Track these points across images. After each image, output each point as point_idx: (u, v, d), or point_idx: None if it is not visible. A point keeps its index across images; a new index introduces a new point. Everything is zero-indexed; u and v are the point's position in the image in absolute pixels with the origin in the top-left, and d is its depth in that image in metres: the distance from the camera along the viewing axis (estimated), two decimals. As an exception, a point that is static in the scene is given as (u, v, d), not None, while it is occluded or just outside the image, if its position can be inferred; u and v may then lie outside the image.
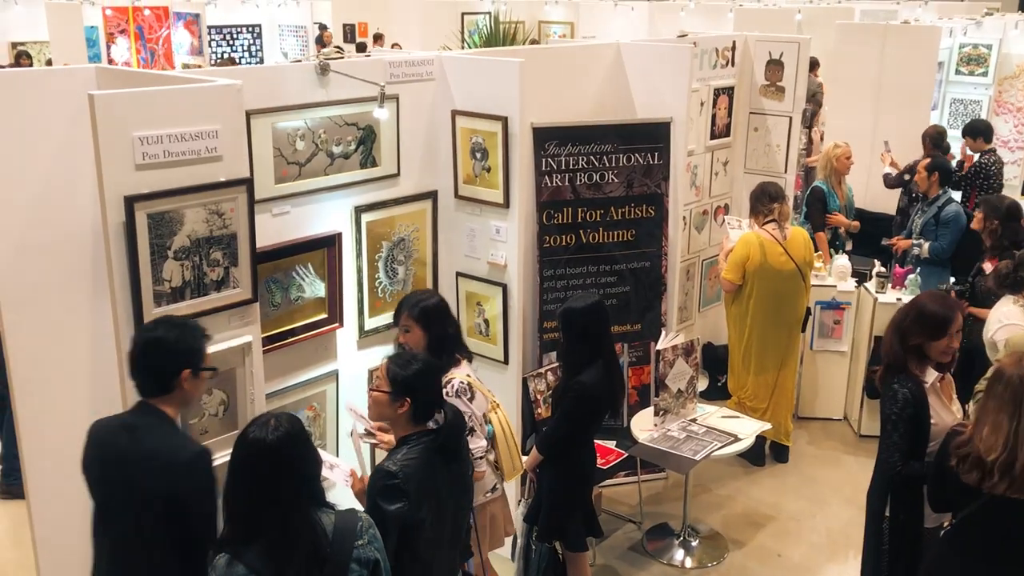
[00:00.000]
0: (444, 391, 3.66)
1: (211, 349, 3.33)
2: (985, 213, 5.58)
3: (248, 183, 3.33)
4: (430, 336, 3.77)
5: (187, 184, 3.15)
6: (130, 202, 3.03)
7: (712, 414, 5.23)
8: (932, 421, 3.60)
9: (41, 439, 3.65)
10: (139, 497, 2.85)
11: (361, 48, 13.77)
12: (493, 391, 4.10)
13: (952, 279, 5.82)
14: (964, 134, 7.99)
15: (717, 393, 6.40)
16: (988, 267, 5.32)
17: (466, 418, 3.65)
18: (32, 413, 3.63)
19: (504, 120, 4.49)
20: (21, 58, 12.26)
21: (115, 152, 3.01)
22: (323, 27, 15.03)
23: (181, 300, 3.22)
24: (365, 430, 3.70)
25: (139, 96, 3.11)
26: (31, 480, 3.70)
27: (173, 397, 2.96)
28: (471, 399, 3.80)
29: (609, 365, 4.17)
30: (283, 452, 2.58)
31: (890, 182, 7.81)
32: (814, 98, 10.14)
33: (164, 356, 2.91)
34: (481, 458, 3.79)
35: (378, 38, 14.88)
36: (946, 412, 3.68)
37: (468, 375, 3.89)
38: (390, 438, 3.41)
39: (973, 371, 4.51)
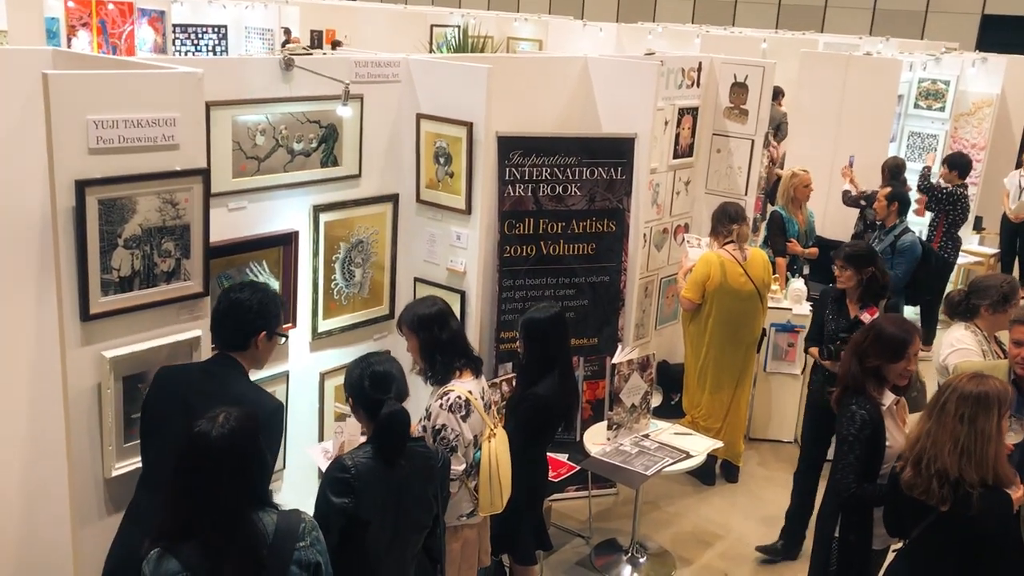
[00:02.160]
0: (439, 402, 3.61)
1: (160, 342, 3.28)
2: (858, 266, 4.93)
3: (204, 174, 3.26)
4: (420, 343, 3.70)
5: (141, 171, 3.08)
6: (81, 186, 2.94)
7: (665, 430, 5.22)
8: (887, 444, 3.63)
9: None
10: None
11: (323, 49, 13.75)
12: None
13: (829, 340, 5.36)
14: (943, 163, 8.37)
15: (670, 412, 6.40)
16: (867, 317, 4.80)
17: (451, 436, 3.57)
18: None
19: (469, 126, 4.47)
20: (-21, 45, 11.98)
21: (68, 135, 2.94)
22: (288, 31, 14.90)
23: (130, 290, 3.14)
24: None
25: (95, 79, 3.04)
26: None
27: (248, 354, 3.22)
28: (464, 417, 3.64)
29: (565, 376, 4.14)
30: (225, 448, 2.50)
31: (847, 200, 7.95)
32: (779, 129, 10.29)
33: (245, 316, 3.17)
34: (454, 479, 3.63)
35: (337, 45, 14.78)
36: (900, 435, 3.71)
37: (471, 392, 3.70)
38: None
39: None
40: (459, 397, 3.64)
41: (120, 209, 3.04)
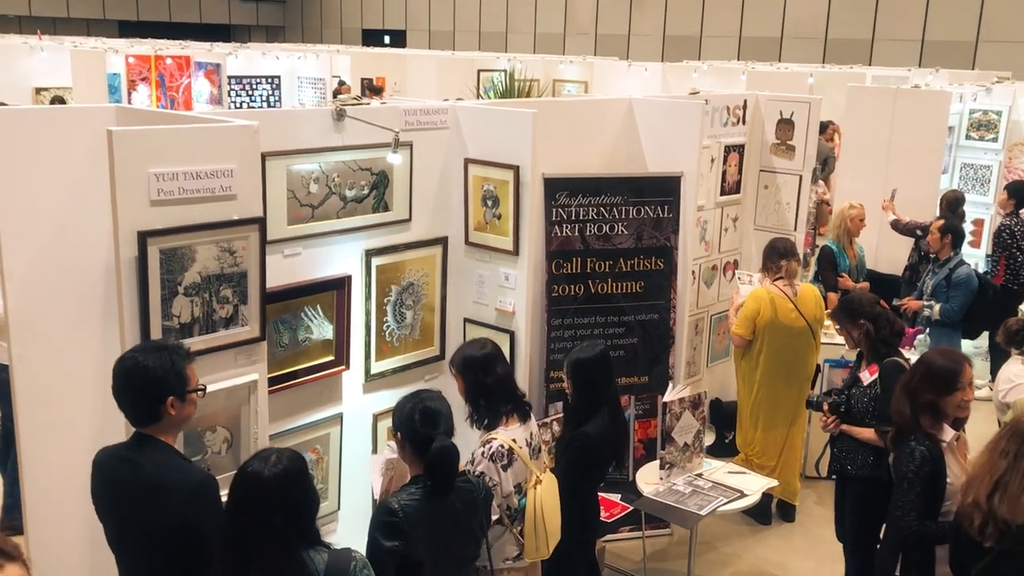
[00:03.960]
0: (482, 450, 3.65)
1: (218, 386, 3.36)
2: (845, 321, 4.72)
3: (260, 222, 3.37)
4: (466, 386, 3.75)
5: (200, 221, 3.19)
6: (143, 237, 3.06)
7: (718, 469, 5.17)
8: (948, 480, 3.57)
9: (43, 475, 3.64)
10: (147, 529, 2.84)
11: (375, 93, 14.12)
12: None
13: (824, 391, 5.00)
14: (1004, 189, 8.23)
15: (723, 450, 6.34)
16: (866, 376, 4.59)
17: (489, 484, 3.59)
18: (35, 449, 3.63)
19: (516, 169, 4.54)
20: (55, 103, 12.49)
21: (130, 188, 3.06)
22: (341, 82, 15.28)
23: (190, 336, 3.24)
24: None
25: (156, 133, 3.17)
26: (31, 516, 3.68)
27: (164, 424, 2.88)
28: (506, 466, 3.65)
29: (613, 414, 4.15)
30: (278, 488, 2.57)
31: (899, 228, 7.85)
32: (826, 163, 10.23)
33: (145, 385, 2.81)
34: (495, 524, 3.64)
35: (377, 91, 15.10)
36: (962, 471, 3.64)
37: (515, 440, 3.69)
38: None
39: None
40: (501, 446, 3.66)
41: (180, 258, 3.15)
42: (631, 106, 5.74)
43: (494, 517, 3.64)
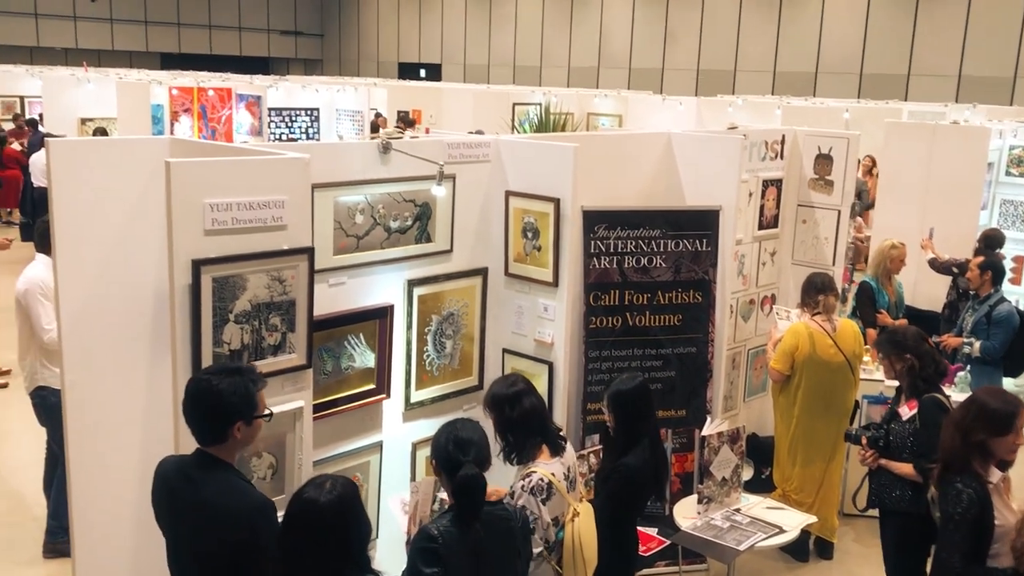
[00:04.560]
0: (521, 483, 3.67)
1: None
2: (890, 353, 4.65)
3: (310, 252, 3.44)
4: (494, 420, 3.79)
5: (252, 250, 3.27)
6: (197, 265, 3.14)
7: (756, 504, 5.14)
8: (997, 522, 3.53)
9: (91, 501, 3.71)
10: (205, 544, 2.89)
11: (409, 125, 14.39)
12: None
13: (863, 426, 4.93)
14: None
15: (760, 486, 6.28)
16: (905, 411, 4.58)
17: (529, 518, 3.60)
18: (84, 472, 3.70)
19: (557, 202, 4.60)
20: (97, 134, 12.81)
21: (186, 217, 3.15)
22: (378, 114, 15.53)
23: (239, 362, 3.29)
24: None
25: (212, 165, 3.26)
26: (78, 539, 3.74)
27: (228, 446, 2.95)
28: (545, 500, 3.66)
29: (653, 446, 4.15)
30: (333, 515, 2.61)
31: (936, 266, 7.79)
32: (860, 196, 10.22)
33: (217, 407, 2.87)
34: (536, 557, 3.65)
35: (410, 124, 15.32)
36: (1009, 512, 3.60)
37: (554, 474, 3.71)
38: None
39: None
40: (541, 479, 3.68)
41: (232, 286, 3.23)
42: (670, 140, 5.79)
43: (536, 550, 3.64)
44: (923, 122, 10.02)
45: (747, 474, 6.04)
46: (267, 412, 3.03)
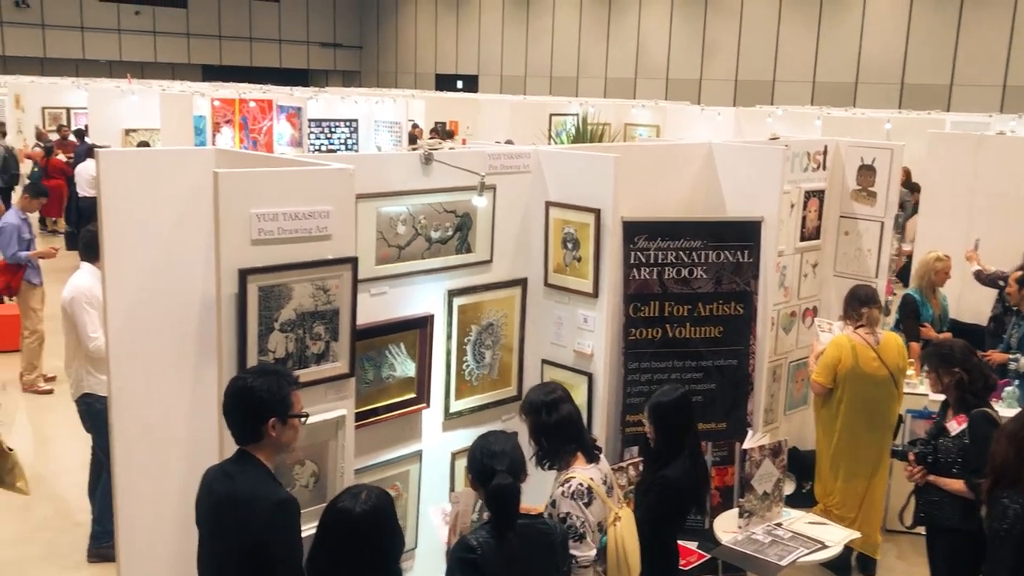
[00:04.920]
0: (561, 490, 3.67)
1: (308, 421, 3.43)
2: (938, 367, 4.59)
3: (354, 262, 3.47)
4: (529, 426, 3.79)
5: (297, 260, 3.30)
6: (244, 275, 3.18)
7: (798, 519, 5.07)
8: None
9: (137, 507, 3.75)
10: (227, 538, 2.93)
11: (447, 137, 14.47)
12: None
13: (909, 441, 4.87)
14: None
15: (801, 500, 6.20)
16: (953, 426, 4.50)
17: (577, 523, 3.59)
18: (129, 477, 3.74)
19: (597, 212, 4.59)
20: (140, 147, 13.03)
21: (233, 227, 3.19)
22: (415, 125, 15.66)
23: (283, 371, 3.32)
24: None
25: (259, 175, 3.30)
26: (123, 544, 3.78)
27: (264, 444, 3.01)
28: (587, 504, 3.65)
29: (694, 458, 4.12)
30: (366, 525, 2.63)
31: (981, 279, 7.66)
32: (903, 206, 10.08)
33: (251, 405, 2.96)
34: (587, 567, 3.63)
35: (447, 136, 15.41)
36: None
37: (592, 478, 3.72)
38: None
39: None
40: (581, 484, 3.66)
41: (278, 295, 3.26)
42: (711, 150, 5.76)
43: (590, 553, 3.62)
44: (968, 133, 9.89)
45: (788, 488, 5.97)
46: (303, 412, 3.08)
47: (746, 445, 4.96)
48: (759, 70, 25.23)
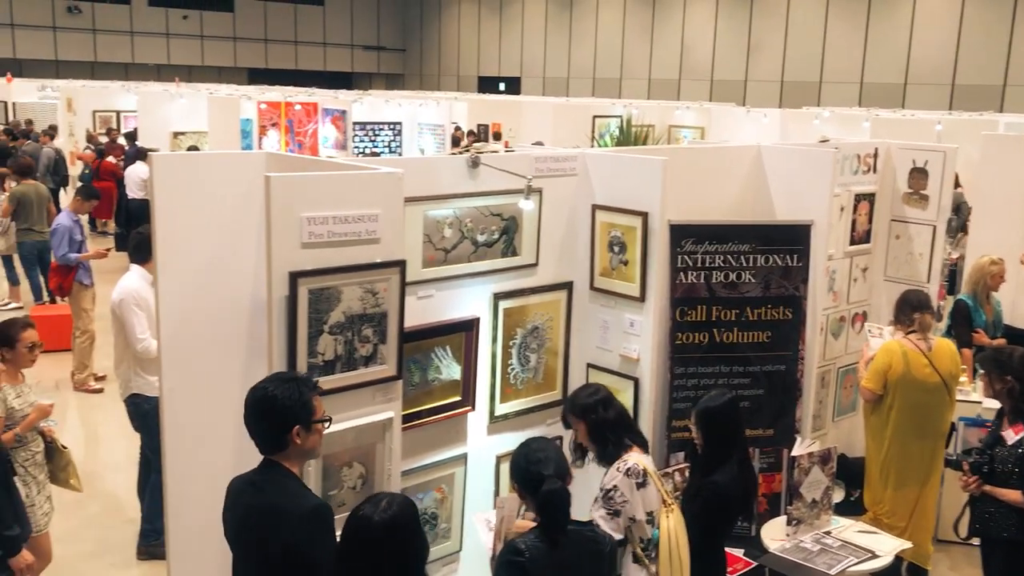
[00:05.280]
0: (616, 467, 3.67)
1: (353, 423, 3.45)
2: (991, 371, 4.56)
3: (402, 265, 3.48)
4: (588, 426, 3.78)
5: (347, 263, 3.32)
6: (294, 277, 3.20)
7: (847, 527, 4.99)
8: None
9: (186, 507, 3.79)
10: (262, 550, 2.93)
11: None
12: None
13: (963, 450, 4.80)
14: None
15: (849, 508, 6.10)
16: (1010, 436, 4.41)
17: (618, 498, 3.58)
18: (179, 476, 3.79)
19: (645, 216, 4.56)
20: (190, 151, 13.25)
21: (284, 230, 3.22)
22: (457, 127, 15.70)
23: (332, 373, 3.35)
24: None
25: (310, 179, 3.33)
26: (173, 542, 3.83)
27: (290, 452, 2.98)
28: (641, 485, 3.65)
29: (742, 464, 4.08)
30: (387, 533, 2.62)
31: None
32: (959, 210, 9.88)
33: (273, 414, 2.92)
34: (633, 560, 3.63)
35: (491, 137, 15.42)
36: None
37: (647, 465, 3.74)
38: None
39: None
40: (636, 464, 3.67)
41: (327, 298, 3.28)
42: (759, 153, 5.69)
43: (618, 536, 3.60)
44: (1023, 134, 9.66)
45: (838, 496, 5.88)
46: (325, 417, 3.05)
47: (795, 452, 4.89)
48: (805, 71, 24.93)
